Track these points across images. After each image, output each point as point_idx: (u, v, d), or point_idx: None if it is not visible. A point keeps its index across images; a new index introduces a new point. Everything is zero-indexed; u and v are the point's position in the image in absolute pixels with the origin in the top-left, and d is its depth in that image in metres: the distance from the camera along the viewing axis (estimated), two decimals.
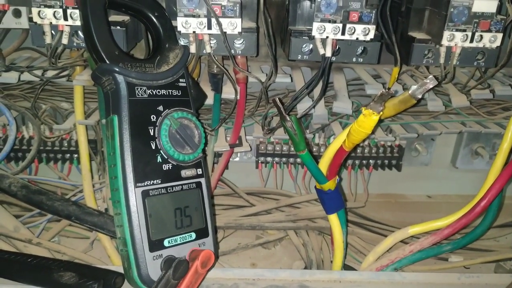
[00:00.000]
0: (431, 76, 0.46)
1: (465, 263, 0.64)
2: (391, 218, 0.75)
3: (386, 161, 0.73)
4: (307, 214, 0.68)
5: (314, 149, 0.70)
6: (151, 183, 0.45)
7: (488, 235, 0.69)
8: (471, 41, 0.55)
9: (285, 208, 0.71)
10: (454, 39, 0.55)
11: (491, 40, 0.55)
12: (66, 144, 0.69)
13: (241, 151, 0.67)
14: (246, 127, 0.68)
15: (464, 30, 0.55)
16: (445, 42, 0.55)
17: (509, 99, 0.72)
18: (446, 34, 0.55)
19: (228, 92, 0.61)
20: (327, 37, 0.53)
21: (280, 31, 0.65)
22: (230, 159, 0.70)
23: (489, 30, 0.54)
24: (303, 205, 0.71)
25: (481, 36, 0.55)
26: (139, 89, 0.46)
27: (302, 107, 0.61)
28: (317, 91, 0.61)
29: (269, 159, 0.72)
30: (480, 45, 0.56)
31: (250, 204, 0.71)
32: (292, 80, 0.65)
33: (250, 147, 0.67)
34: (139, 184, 0.44)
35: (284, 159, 0.72)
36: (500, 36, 0.55)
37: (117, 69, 0.45)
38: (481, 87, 0.66)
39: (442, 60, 0.57)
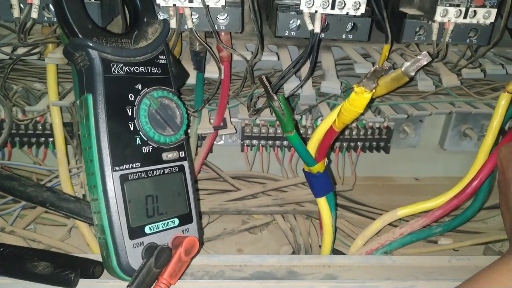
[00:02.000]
0: (424, 52, 0.44)
1: (455, 245, 0.64)
2: (379, 201, 0.74)
3: (374, 143, 0.72)
4: (295, 198, 0.67)
5: (301, 131, 0.68)
6: (130, 166, 0.42)
7: (477, 217, 0.69)
8: (465, 17, 0.53)
9: (272, 192, 0.69)
10: (448, 15, 0.53)
11: (485, 16, 0.53)
12: (40, 127, 0.65)
13: (225, 133, 0.64)
14: (230, 109, 0.65)
15: (458, 5, 0.53)
16: (438, 17, 0.53)
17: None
18: (440, 9, 0.53)
19: (212, 71, 0.58)
20: (316, 11, 0.50)
21: (265, 6, 0.62)
22: (214, 142, 0.68)
23: (483, 6, 0.53)
24: (290, 188, 0.69)
25: (475, 12, 0.53)
26: (115, 65, 0.42)
27: (289, 87, 0.58)
28: (304, 70, 0.58)
29: (254, 142, 0.69)
30: (474, 21, 0.54)
31: (236, 189, 0.69)
32: (278, 59, 0.62)
33: (235, 130, 0.64)
34: (117, 168, 0.41)
35: (270, 142, 0.70)
36: (494, 11, 0.53)
37: (91, 44, 0.41)
38: (472, 66, 0.64)
39: (434, 37, 0.56)
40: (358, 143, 0.71)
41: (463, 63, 0.64)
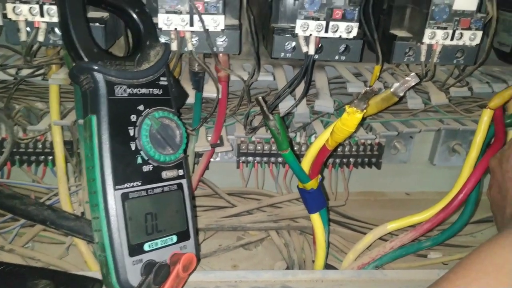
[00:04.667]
0: (413, 74, 0.46)
1: (444, 259, 0.65)
2: (371, 216, 0.75)
3: (366, 159, 0.73)
4: (289, 213, 0.68)
5: (295, 148, 0.69)
6: (131, 185, 0.44)
7: (465, 231, 0.70)
8: (452, 39, 0.56)
9: (267, 208, 0.70)
10: (435, 37, 0.55)
11: (471, 38, 0.56)
12: (40, 146, 0.66)
13: (222, 151, 0.66)
14: (227, 127, 0.67)
15: (445, 28, 0.55)
16: (426, 40, 0.56)
17: (486, 97, 0.73)
18: (428, 32, 0.55)
19: (210, 90, 0.60)
20: (310, 34, 0.52)
21: (262, 28, 0.64)
22: (211, 159, 0.69)
23: (469, 28, 0.55)
24: (284, 204, 0.71)
25: (461, 34, 0.56)
26: (118, 88, 0.44)
27: (284, 106, 0.60)
28: (298, 89, 0.60)
29: (250, 158, 0.71)
30: (460, 43, 0.56)
31: (231, 205, 0.70)
32: (274, 79, 0.64)
33: (232, 147, 0.66)
34: (119, 187, 0.43)
35: (265, 159, 0.71)
36: (480, 34, 0.56)
37: (96, 67, 0.43)
38: (459, 85, 0.67)
39: (423, 58, 0.58)
40: (351, 159, 0.73)
41: (451, 81, 0.67)
